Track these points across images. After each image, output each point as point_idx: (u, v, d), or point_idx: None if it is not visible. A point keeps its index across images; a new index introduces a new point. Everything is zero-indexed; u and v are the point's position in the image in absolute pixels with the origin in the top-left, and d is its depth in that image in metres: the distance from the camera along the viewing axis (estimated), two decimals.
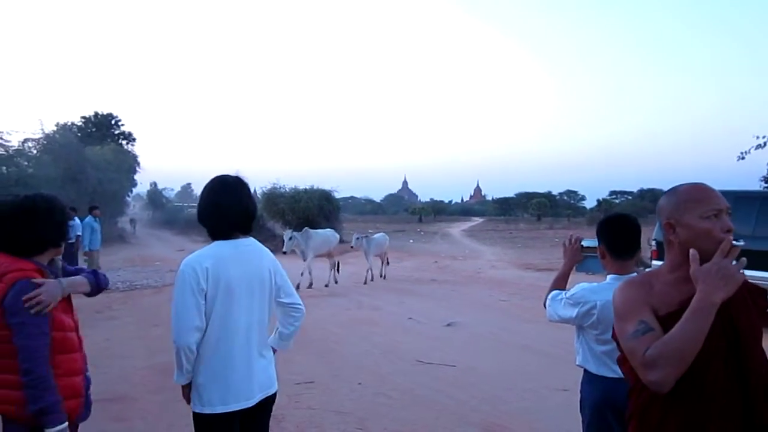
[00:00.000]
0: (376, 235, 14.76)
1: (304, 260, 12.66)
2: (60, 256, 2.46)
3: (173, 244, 27.60)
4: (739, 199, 9.26)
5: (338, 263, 13.74)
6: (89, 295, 2.49)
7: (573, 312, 2.65)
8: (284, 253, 11.99)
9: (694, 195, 1.72)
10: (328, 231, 14.23)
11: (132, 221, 40.34)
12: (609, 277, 2.69)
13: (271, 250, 10.86)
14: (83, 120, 39.42)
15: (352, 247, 13.99)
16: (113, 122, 41.02)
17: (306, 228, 13.42)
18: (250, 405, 2.53)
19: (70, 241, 11.48)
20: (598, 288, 2.65)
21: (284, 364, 6.51)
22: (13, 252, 2.25)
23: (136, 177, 38.46)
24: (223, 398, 2.45)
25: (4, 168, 21.85)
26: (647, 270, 2.69)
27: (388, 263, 15.06)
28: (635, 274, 2.74)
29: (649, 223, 7.64)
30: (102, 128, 39.58)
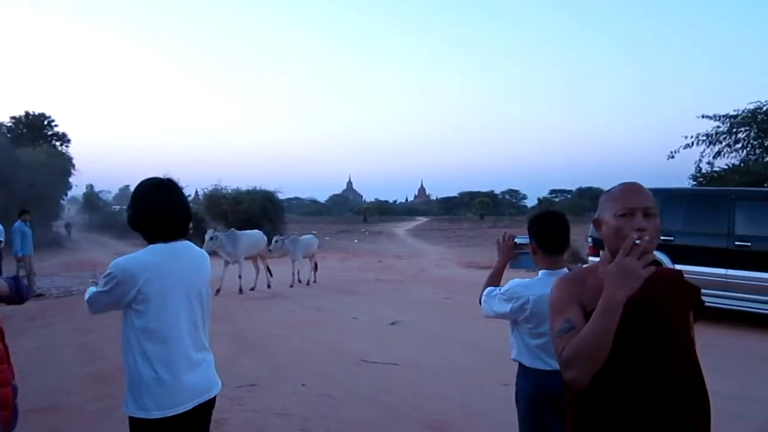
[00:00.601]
0: (302, 237, 14.40)
1: (232, 263, 12.41)
2: None
3: (112, 248, 26.81)
4: (670, 196, 9.68)
5: (268, 266, 13.51)
6: (8, 300, 2.40)
7: (507, 307, 2.72)
8: (270, 251, 13.13)
9: (614, 193, 1.78)
10: (256, 232, 13.86)
11: (67, 225, 38.97)
12: (540, 272, 2.77)
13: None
14: (13, 120, 37.89)
15: (270, 250, 13.38)
16: (46, 123, 39.59)
17: (232, 229, 13.20)
18: (188, 408, 2.48)
19: None
20: (531, 283, 2.73)
21: (226, 367, 6.42)
22: None
23: (71, 179, 37.27)
24: (160, 403, 2.41)
25: None
26: (584, 266, 2.80)
27: (316, 268, 14.41)
28: (566, 269, 2.84)
29: (587, 221, 7.89)
30: (34, 129, 38.13)
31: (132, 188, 2.76)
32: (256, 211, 25.56)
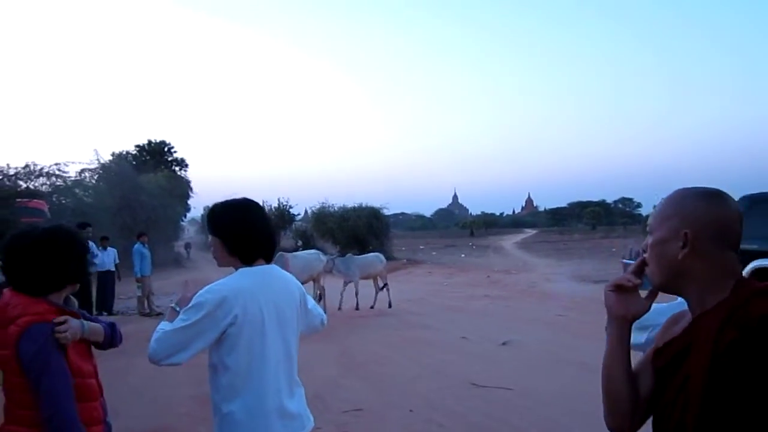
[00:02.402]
0: (361, 256, 13.66)
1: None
2: (72, 296, 2.30)
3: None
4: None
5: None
6: (101, 347, 2.30)
7: (641, 338, 2.32)
8: (329, 271, 12.15)
9: None
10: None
11: (187, 245, 41.10)
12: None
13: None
14: (137, 148, 40.65)
15: (329, 271, 12.26)
16: (166, 149, 42.15)
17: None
18: None
19: (105, 269, 11.67)
20: (666, 308, 2.32)
21: (332, 390, 6.32)
22: (28, 289, 2.09)
23: (189, 202, 39.31)
24: None
25: (63, 199, 22.51)
26: None
27: (384, 288, 12.96)
28: None
29: None
30: (155, 155, 40.68)
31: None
32: (362, 228, 25.77)
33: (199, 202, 43.98)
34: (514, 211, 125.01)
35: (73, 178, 23.70)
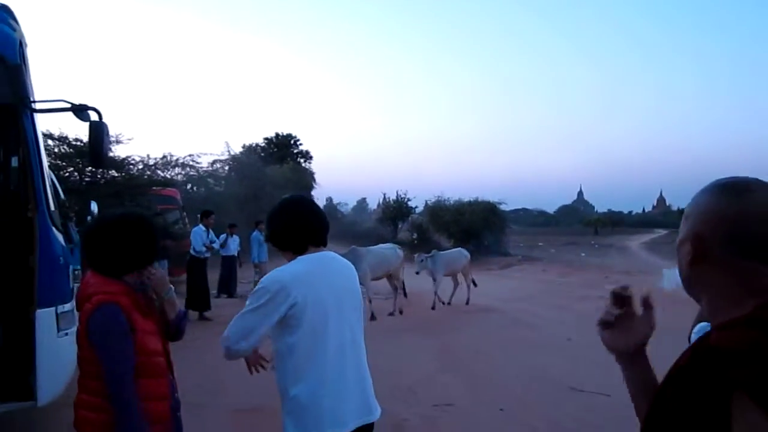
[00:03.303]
0: (445, 252, 13.14)
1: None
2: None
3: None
4: None
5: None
6: (170, 326, 2.46)
7: None
8: (417, 273, 11.71)
9: None
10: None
11: None
12: None
13: None
14: (266, 141, 42.50)
15: (417, 273, 11.82)
16: (292, 142, 43.77)
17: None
18: (350, 431, 2.34)
19: (230, 254, 12.32)
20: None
21: (426, 384, 6.34)
22: (105, 270, 2.28)
23: (313, 193, 40.67)
24: (317, 423, 2.29)
25: (195, 187, 24.11)
26: None
27: (474, 284, 12.67)
28: None
29: None
30: (282, 148, 42.34)
31: (368, 201, 2.73)
32: (477, 222, 25.49)
33: (322, 194, 45.55)
34: (644, 210, 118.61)
35: (205, 169, 25.31)
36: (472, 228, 25.00)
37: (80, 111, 4.21)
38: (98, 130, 4.23)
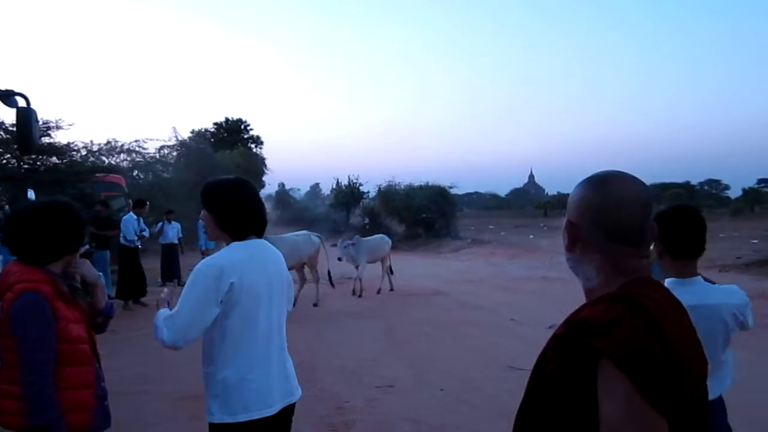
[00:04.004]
0: (368, 238, 12.84)
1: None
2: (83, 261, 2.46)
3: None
4: None
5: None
6: (97, 316, 2.46)
7: None
8: (339, 260, 11.38)
9: None
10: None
11: None
12: (667, 281, 2.31)
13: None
14: (215, 126, 41.85)
15: (339, 259, 11.45)
16: (243, 127, 43.22)
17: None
18: (272, 413, 2.40)
19: (169, 242, 12.17)
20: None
21: (369, 366, 6.45)
22: (27, 259, 2.26)
23: (264, 179, 40.26)
24: (246, 405, 2.34)
25: (142, 174, 23.60)
26: None
27: (391, 272, 12.38)
28: (699, 277, 2.36)
29: None
30: (232, 133, 41.80)
31: (321, 186, 2.74)
32: (428, 206, 25.73)
33: (273, 179, 45.04)
34: None
35: (152, 155, 24.78)
36: (422, 212, 25.24)
37: (6, 97, 4.12)
38: (26, 116, 4.15)
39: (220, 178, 2.58)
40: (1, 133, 14.08)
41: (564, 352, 1.16)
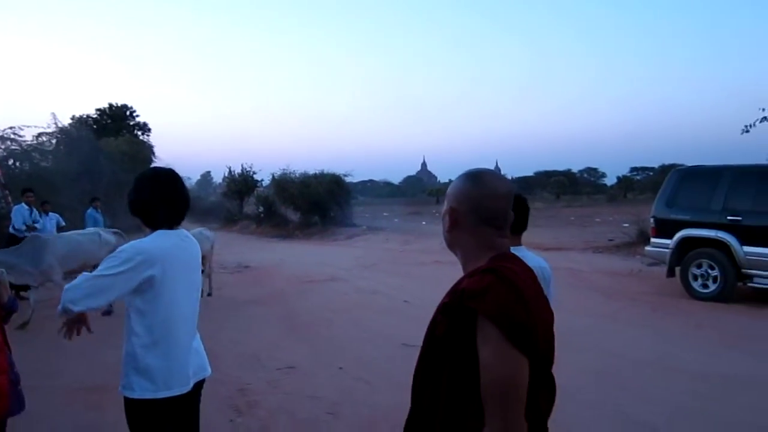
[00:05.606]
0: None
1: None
2: None
3: (208, 231, 27.97)
4: (740, 174, 9.14)
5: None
6: (2, 308, 2.53)
7: None
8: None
9: None
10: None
11: None
12: None
13: (283, 236, 11.14)
14: (98, 112, 39.79)
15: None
16: (128, 113, 41.34)
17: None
18: (188, 390, 2.58)
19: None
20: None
21: (269, 350, 6.62)
22: None
23: (152, 167, 38.76)
24: (166, 383, 2.51)
25: (19, 163, 22.14)
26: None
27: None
28: (523, 246, 2.97)
29: None
30: (117, 120, 39.88)
31: (212, 174, 2.84)
32: (323, 194, 25.91)
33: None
34: None
35: (29, 143, 23.27)
36: (318, 200, 25.39)
37: None
38: None
39: (148, 168, 2.77)
40: None
41: (450, 315, 1.48)
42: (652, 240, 10.07)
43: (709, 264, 9.09)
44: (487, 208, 1.57)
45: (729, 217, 8.89)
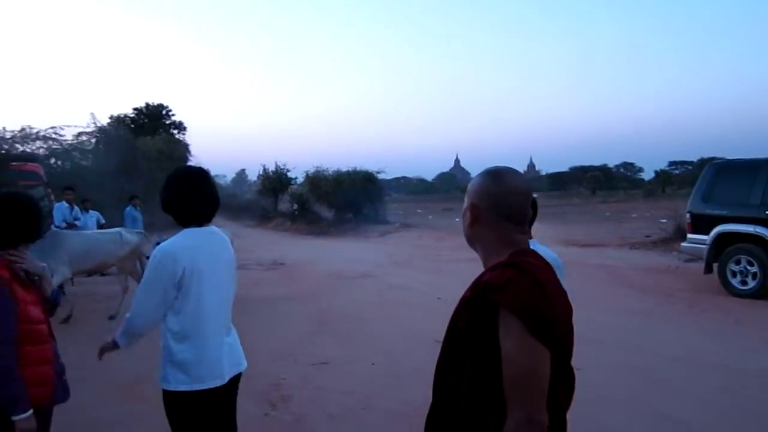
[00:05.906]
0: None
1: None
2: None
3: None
4: None
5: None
6: (44, 304, 2.62)
7: None
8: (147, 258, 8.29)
9: None
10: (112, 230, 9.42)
11: None
12: None
13: (317, 233, 11.28)
14: (135, 112, 40.62)
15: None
16: (164, 112, 42.11)
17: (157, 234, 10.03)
18: (223, 383, 2.66)
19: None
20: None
21: (303, 346, 6.71)
22: None
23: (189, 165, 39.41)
24: (199, 376, 2.59)
25: (60, 162, 22.76)
26: None
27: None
28: (534, 239, 2.83)
29: None
30: (154, 119, 40.66)
31: (248, 172, 2.93)
32: (356, 191, 26.05)
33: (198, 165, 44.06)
34: None
35: (70, 142, 23.88)
36: (351, 197, 25.54)
37: None
38: None
39: (178, 167, 2.89)
40: None
41: (472, 308, 1.51)
42: (689, 236, 9.89)
43: (747, 260, 8.89)
44: (507, 205, 1.60)
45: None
